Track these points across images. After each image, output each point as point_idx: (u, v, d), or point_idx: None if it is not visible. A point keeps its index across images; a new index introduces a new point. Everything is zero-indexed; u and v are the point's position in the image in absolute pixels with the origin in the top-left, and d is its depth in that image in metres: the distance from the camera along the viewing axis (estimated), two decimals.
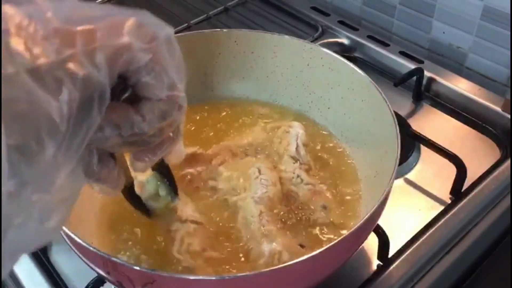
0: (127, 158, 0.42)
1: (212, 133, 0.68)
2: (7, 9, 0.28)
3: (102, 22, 0.31)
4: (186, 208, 0.55)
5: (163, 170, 0.52)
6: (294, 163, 0.61)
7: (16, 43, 0.27)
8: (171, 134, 0.40)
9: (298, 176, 0.59)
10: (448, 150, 0.68)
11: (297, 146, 0.62)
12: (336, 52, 0.67)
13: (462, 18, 0.87)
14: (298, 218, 0.57)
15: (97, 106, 0.31)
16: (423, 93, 0.84)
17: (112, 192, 0.40)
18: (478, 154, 0.74)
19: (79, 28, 0.30)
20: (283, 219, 0.56)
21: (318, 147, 0.66)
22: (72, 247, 0.47)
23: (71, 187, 0.33)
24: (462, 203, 0.65)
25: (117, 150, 0.38)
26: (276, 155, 0.63)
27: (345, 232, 0.53)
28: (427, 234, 0.62)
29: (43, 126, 0.28)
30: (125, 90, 0.36)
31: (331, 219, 0.57)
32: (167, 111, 0.36)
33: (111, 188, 0.39)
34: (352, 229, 0.45)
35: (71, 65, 0.28)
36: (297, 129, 0.64)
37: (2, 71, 0.26)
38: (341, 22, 0.97)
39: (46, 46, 0.28)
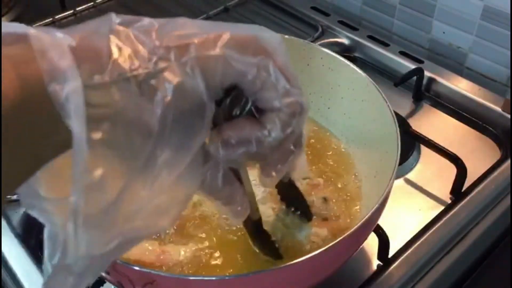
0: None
1: None
2: (118, 27, 0.31)
3: (197, 38, 0.32)
4: None
5: (291, 193, 0.51)
6: None
7: (121, 57, 0.29)
8: (292, 147, 0.39)
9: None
10: (448, 150, 0.68)
11: None
12: (336, 52, 0.67)
13: (462, 18, 0.87)
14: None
15: (199, 116, 0.32)
16: (423, 93, 0.84)
17: (236, 217, 0.40)
18: (478, 154, 0.74)
19: (175, 44, 0.32)
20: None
21: (318, 147, 0.66)
22: None
23: (181, 192, 0.34)
24: (462, 203, 0.65)
25: (239, 165, 0.39)
26: None
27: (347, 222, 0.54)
28: (427, 234, 0.62)
29: (133, 125, 0.30)
30: (246, 103, 0.36)
31: (332, 212, 0.58)
32: (288, 119, 0.36)
33: (235, 211, 0.39)
34: (352, 229, 0.45)
35: (166, 74, 0.30)
36: None
37: (100, 80, 0.28)
38: (341, 22, 0.97)
39: (145, 60, 0.30)
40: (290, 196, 0.53)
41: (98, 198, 0.30)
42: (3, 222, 0.64)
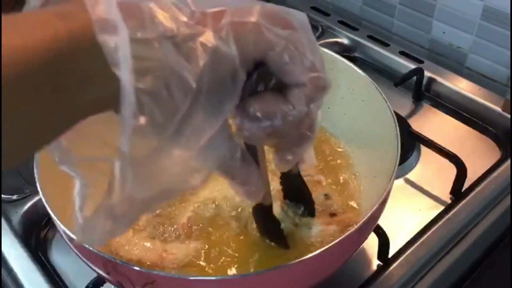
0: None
1: None
2: None
3: (232, 7, 0.34)
4: None
5: (296, 187, 0.51)
6: None
7: (161, 17, 0.31)
8: (308, 132, 0.40)
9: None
10: (448, 150, 0.68)
11: None
12: (336, 52, 0.67)
13: (462, 18, 0.87)
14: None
15: (231, 81, 0.33)
16: (423, 93, 0.84)
17: (250, 197, 0.41)
18: (478, 154, 0.74)
19: (211, 10, 0.33)
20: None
21: (318, 147, 0.66)
22: (72, 247, 0.47)
23: (212, 154, 0.35)
24: (462, 203, 0.65)
25: (259, 142, 0.40)
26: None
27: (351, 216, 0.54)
28: (427, 234, 0.62)
29: (173, 80, 0.31)
30: (271, 79, 0.36)
31: (337, 207, 0.58)
32: (312, 94, 0.37)
33: (250, 192, 0.40)
34: (352, 229, 0.45)
35: (202, 38, 0.32)
36: None
37: (143, 36, 0.30)
38: (341, 22, 0.97)
39: (183, 23, 0.32)
40: (295, 190, 0.53)
41: (142, 144, 0.32)
42: (3, 222, 0.64)
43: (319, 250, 0.44)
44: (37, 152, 0.32)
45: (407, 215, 0.66)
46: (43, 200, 0.47)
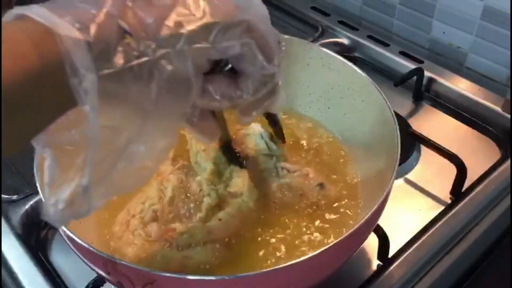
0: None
1: None
2: (126, 9, 0.34)
3: (190, 26, 0.36)
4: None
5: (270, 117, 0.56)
6: (271, 159, 0.60)
7: (125, 47, 0.34)
8: (265, 99, 0.44)
9: (282, 168, 0.59)
10: (448, 150, 0.68)
11: (266, 143, 0.61)
12: (336, 52, 0.67)
13: (462, 18, 0.87)
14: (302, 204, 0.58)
15: (186, 88, 0.37)
16: (423, 93, 0.84)
17: (207, 142, 0.49)
18: (478, 154, 0.74)
19: (171, 32, 0.35)
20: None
21: (318, 147, 0.66)
22: (72, 247, 0.47)
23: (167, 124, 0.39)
24: (462, 203, 0.65)
25: (220, 109, 0.44)
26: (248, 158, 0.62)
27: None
28: (427, 234, 0.62)
29: (132, 107, 0.36)
30: (226, 64, 0.41)
31: (331, 194, 0.59)
32: (259, 87, 0.41)
33: (207, 139, 0.46)
34: (352, 229, 0.45)
35: (162, 62, 0.35)
36: (256, 128, 0.62)
37: (109, 71, 0.33)
38: (341, 22, 0.97)
39: (147, 46, 0.34)
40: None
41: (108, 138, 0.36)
42: (3, 222, 0.64)
43: (319, 250, 0.44)
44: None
45: (407, 215, 0.66)
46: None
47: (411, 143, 0.74)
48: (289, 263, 0.43)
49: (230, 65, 0.41)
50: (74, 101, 0.32)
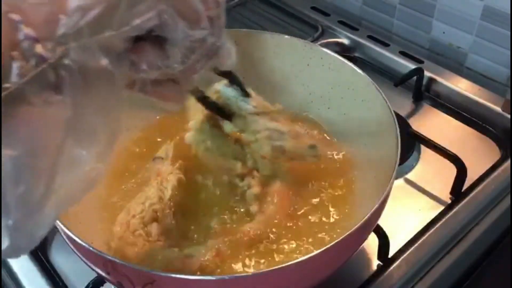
0: None
1: None
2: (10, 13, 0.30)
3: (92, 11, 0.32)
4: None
5: (225, 73, 0.54)
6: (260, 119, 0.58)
7: (22, 55, 0.30)
8: (200, 64, 0.40)
9: (275, 129, 0.58)
10: (448, 150, 0.68)
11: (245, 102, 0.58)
12: (336, 52, 0.67)
13: (462, 18, 0.87)
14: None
15: (108, 76, 0.34)
16: (423, 93, 0.84)
17: (171, 109, 0.44)
18: (478, 154, 0.74)
19: (71, 27, 0.31)
20: None
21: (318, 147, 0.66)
22: (72, 247, 0.47)
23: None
24: (462, 203, 0.65)
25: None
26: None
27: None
28: (427, 234, 0.62)
29: (45, 120, 0.32)
30: (151, 32, 0.36)
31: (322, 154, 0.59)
32: (187, 53, 0.37)
33: (172, 105, 0.43)
34: (352, 229, 0.45)
35: (67, 61, 0.31)
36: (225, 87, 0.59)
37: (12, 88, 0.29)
38: (341, 22, 0.97)
39: (45, 48, 0.31)
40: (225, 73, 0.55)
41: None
42: None
43: (319, 250, 0.44)
44: None
45: (407, 215, 0.66)
46: None
47: (411, 143, 0.74)
48: (289, 263, 0.43)
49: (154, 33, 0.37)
50: None
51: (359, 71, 0.63)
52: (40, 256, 0.61)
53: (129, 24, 0.33)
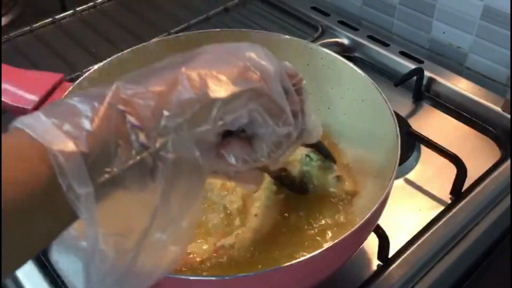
0: None
1: None
2: (124, 107, 0.33)
3: (190, 111, 0.35)
4: None
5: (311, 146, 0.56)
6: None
7: (125, 144, 0.32)
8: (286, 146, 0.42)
9: (306, 155, 0.59)
10: (448, 150, 0.68)
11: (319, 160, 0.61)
12: (336, 52, 0.67)
13: (462, 18, 0.87)
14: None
15: (196, 171, 0.36)
16: (423, 93, 0.84)
17: (252, 190, 0.50)
18: (478, 154, 0.74)
19: (172, 121, 0.34)
20: None
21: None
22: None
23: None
24: (462, 203, 0.65)
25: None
26: None
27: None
28: (427, 234, 0.62)
29: (135, 203, 0.34)
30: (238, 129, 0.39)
31: (347, 188, 0.59)
32: (273, 148, 0.40)
33: (252, 187, 0.46)
34: (352, 229, 0.45)
35: (163, 153, 0.34)
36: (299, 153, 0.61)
37: (110, 175, 0.31)
38: (341, 22, 0.97)
39: (146, 138, 0.33)
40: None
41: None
42: None
43: (318, 250, 0.44)
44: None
45: (407, 215, 0.65)
46: None
47: (411, 143, 0.74)
48: (289, 263, 0.43)
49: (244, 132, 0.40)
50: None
51: (359, 71, 0.63)
52: (40, 256, 0.61)
53: (223, 119, 0.36)
